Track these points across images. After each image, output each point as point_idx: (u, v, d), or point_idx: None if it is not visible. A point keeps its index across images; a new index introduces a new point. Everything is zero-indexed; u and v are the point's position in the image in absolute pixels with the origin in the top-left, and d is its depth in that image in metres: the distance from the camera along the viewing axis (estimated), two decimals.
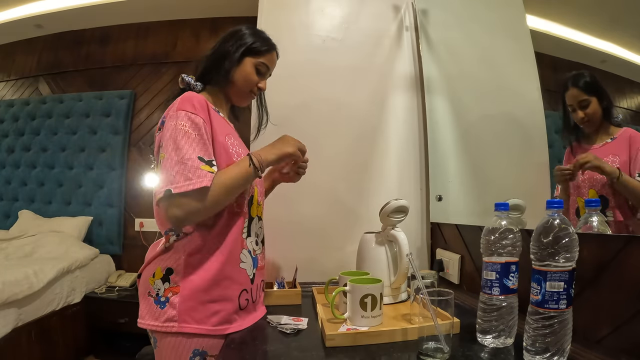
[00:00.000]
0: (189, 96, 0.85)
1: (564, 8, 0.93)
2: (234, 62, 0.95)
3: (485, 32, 1.26)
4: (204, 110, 0.85)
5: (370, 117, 1.50)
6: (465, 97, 1.35)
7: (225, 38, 0.98)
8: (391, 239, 1.06)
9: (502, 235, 0.72)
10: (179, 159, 0.77)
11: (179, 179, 0.76)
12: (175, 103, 0.86)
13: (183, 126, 0.80)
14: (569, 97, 0.90)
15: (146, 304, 0.84)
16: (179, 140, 0.79)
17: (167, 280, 0.83)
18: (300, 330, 0.85)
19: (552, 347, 0.61)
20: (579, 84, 0.88)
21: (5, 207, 2.98)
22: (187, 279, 0.82)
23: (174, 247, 0.84)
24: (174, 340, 0.80)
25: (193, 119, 0.81)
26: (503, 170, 1.15)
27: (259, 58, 0.97)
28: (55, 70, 3.12)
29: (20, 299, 1.86)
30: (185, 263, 0.83)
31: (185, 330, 0.79)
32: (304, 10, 1.52)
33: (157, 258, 0.86)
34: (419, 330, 0.72)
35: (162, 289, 0.82)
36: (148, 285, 0.85)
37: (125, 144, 2.86)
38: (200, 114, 0.83)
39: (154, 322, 0.81)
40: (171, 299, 0.81)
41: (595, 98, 0.84)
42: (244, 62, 0.96)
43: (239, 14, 2.83)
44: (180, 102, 0.84)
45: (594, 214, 0.75)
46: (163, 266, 0.84)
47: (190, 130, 0.80)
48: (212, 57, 0.97)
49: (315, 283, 1.22)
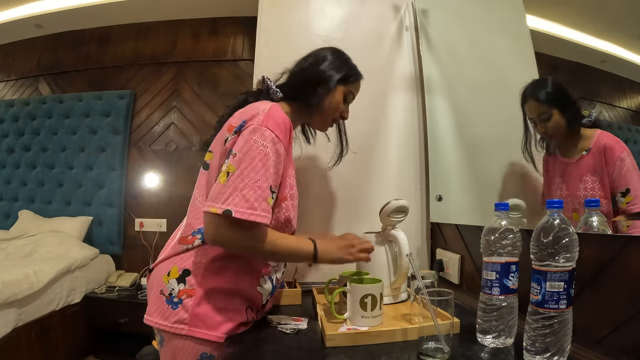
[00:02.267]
0: (277, 115, 0.81)
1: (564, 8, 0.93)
2: (328, 89, 0.93)
3: (485, 32, 1.26)
4: (287, 135, 0.82)
5: (370, 117, 1.50)
6: (465, 97, 1.35)
7: (320, 57, 0.97)
8: (391, 239, 1.06)
9: (502, 235, 0.72)
10: (250, 182, 0.74)
11: (242, 203, 0.73)
12: (257, 111, 0.81)
13: (265, 147, 0.76)
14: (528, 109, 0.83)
15: (157, 301, 0.82)
16: (257, 162, 0.75)
17: (182, 282, 0.81)
18: (300, 330, 0.85)
19: (552, 347, 0.61)
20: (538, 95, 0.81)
21: (5, 207, 2.98)
22: (205, 283, 0.80)
23: (196, 249, 0.83)
24: (182, 342, 0.79)
25: (278, 146, 0.78)
26: (503, 170, 1.15)
27: (349, 87, 0.97)
28: (55, 70, 3.12)
29: (20, 299, 1.85)
30: (205, 267, 0.81)
31: (195, 334, 0.78)
32: (304, 10, 1.52)
33: (174, 256, 0.84)
34: (419, 330, 0.72)
35: (177, 289, 0.80)
36: (161, 283, 0.82)
37: (125, 144, 2.86)
38: (284, 140, 0.80)
39: (163, 321, 0.80)
40: (185, 301, 0.79)
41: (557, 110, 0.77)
42: (336, 89, 0.95)
43: (239, 14, 2.83)
44: (268, 119, 0.79)
45: (594, 214, 0.75)
46: (180, 266, 0.82)
47: (271, 154, 0.77)
48: (303, 77, 0.95)
49: (315, 283, 1.22)
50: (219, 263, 0.82)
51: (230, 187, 0.73)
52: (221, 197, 0.73)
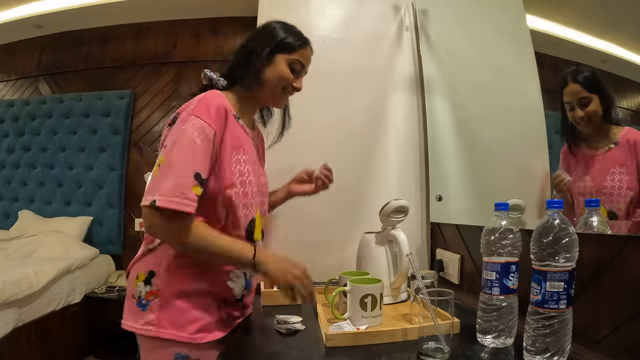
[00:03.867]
0: (207, 100, 0.79)
1: (564, 8, 0.93)
2: (264, 60, 0.87)
3: (485, 32, 1.26)
4: (220, 119, 0.79)
5: (370, 117, 1.50)
6: (465, 97, 1.35)
7: (253, 34, 0.92)
8: (391, 239, 1.06)
9: (502, 235, 0.72)
10: (175, 171, 0.73)
11: (166, 192, 0.71)
12: (192, 102, 0.80)
13: (192, 134, 0.75)
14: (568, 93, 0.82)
15: (129, 305, 0.83)
16: (183, 150, 0.74)
17: (149, 283, 0.80)
18: (297, 331, 0.85)
19: (552, 347, 0.61)
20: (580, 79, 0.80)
21: (5, 207, 2.98)
22: (169, 283, 0.79)
23: (158, 249, 0.81)
24: (154, 343, 0.78)
25: (205, 129, 0.76)
26: (503, 170, 1.15)
27: (292, 55, 0.89)
28: (55, 70, 3.12)
29: (20, 299, 1.85)
30: (167, 267, 0.80)
31: (163, 335, 0.77)
32: (304, 10, 1.51)
33: (141, 259, 0.83)
34: (419, 330, 0.72)
35: (144, 291, 0.80)
36: (132, 287, 0.82)
37: (125, 144, 2.86)
38: (213, 125, 0.77)
39: (134, 324, 0.80)
40: (152, 302, 0.79)
41: (597, 96, 0.78)
42: (276, 59, 0.88)
43: (239, 14, 2.83)
44: (197, 106, 0.78)
45: (594, 214, 0.75)
46: (146, 269, 0.81)
47: (197, 141, 0.75)
48: (239, 54, 0.90)
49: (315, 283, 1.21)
50: (181, 261, 0.80)
51: (158, 178, 0.73)
52: (151, 189, 0.73)
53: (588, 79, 0.80)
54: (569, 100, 0.82)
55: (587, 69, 0.82)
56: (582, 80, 0.80)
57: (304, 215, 1.40)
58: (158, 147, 0.86)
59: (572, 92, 0.82)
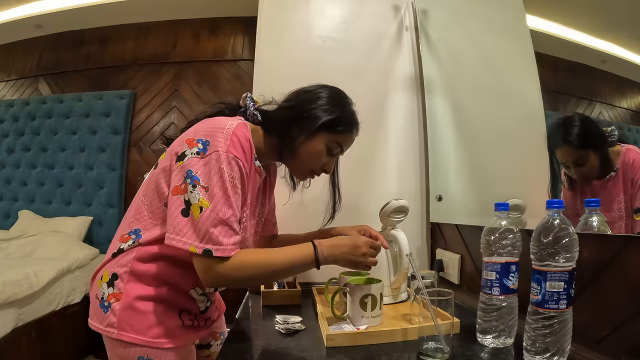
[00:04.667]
0: (241, 137, 0.76)
1: (564, 8, 0.93)
2: (309, 134, 0.83)
3: (485, 32, 1.26)
4: (249, 159, 0.77)
5: (370, 117, 1.49)
6: (465, 97, 1.35)
7: (304, 99, 0.86)
8: (391, 239, 1.06)
9: (502, 235, 0.73)
10: (224, 219, 0.72)
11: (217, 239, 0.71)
12: (224, 134, 0.75)
13: (232, 177, 0.73)
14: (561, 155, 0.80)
15: (93, 304, 0.82)
16: (228, 196, 0.72)
17: (111, 285, 0.79)
18: (297, 331, 0.85)
19: (552, 347, 0.61)
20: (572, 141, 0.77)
21: (5, 207, 2.98)
22: (130, 288, 0.78)
23: (124, 252, 0.80)
24: (116, 345, 0.78)
25: (243, 173, 0.75)
26: (503, 170, 1.15)
27: (336, 136, 0.85)
28: (55, 70, 3.12)
29: (20, 299, 1.85)
30: (130, 272, 0.79)
31: (124, 338, 0.76)
32: (304, 10, 1.51)
33: (108, 261, 0.82)
34: (419, 330, 0.72)
35: (107, 293, 0.79)
36: (96, 287, 0.82)
37: (125, 144, 2.86)
38: (247, 167, 0.76)
39: (98, 324, 0.79)
40: (113, 305, 0.78)
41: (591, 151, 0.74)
42: (317, 136, 0.84)
43: (239, 14, 2.83)
44: (232, 144, 0.74)
45: (594, 213, 0.75)
46: (110, 270, 0.80)
47: (238, 185, 0.74)
48: (287, 113, 0.85)
49: (315, 283, 1.22)
50: (142, 267, 0.79)
51: (205, 225, 0.71)
52: (199, 234, 0.71)
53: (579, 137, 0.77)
54: (563, 161, 0.81)
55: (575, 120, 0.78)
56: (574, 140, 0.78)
57: (304, 215, 1.40)
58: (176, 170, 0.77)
59: (565, 155, 0.80)
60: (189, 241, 0.71)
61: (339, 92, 0.90)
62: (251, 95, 0.88)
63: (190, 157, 0.74)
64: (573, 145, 0.77)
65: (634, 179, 0.71)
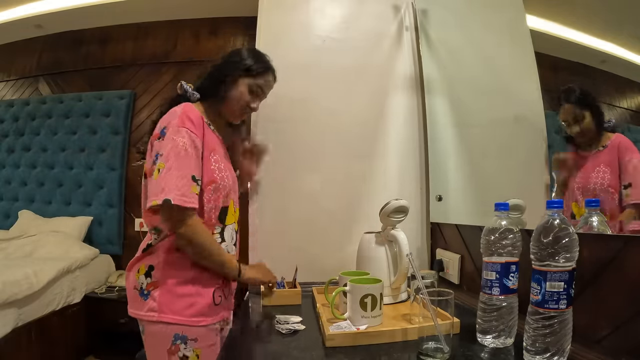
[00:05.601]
0: (187, 112, 0.94)
1: (564, 8, 0.93)
2: (229, 83, 1.02)
3: (485, 32, 1.26)
4: (200, 127, 0.95)
5: (370, 117, 1.50)
6: (465, 97, 1.35)
7: (225, 58, 1.06)
8: (391, 239, 1.06)
9: (502, 235, 0.72)
10: (178, 175, 0.87)
11: (175, 192, 0.85)
12: (175, 115, 0.93)
13: (184, 144, 0.89)
14: (563, 113, 0.91)
15: (132, 295, 0.96)
16: (181, 157, 0.88)
17: (149, 276, 0.93)
18: (297, 331, 0.85)
19: (552, 347, 0.61)
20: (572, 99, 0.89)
21: (5, 207, 2.98)
22: (165, 275, 0.92)
23: (156, 247, 0.95)
24: (156, 327, 0.91)
25: (193, 138, 0.91)
26: (503, 170, 1.15)
27: (255, 79, 1.04)
28: (55, 70, 3.12)
29: (20, 299, 1.85)
30: (164, 262, 0.93)
31: (164, 319, 0.90)
32: (304, 10, 1.51)
33: (141, 256, 0.96)
34: (419, 330, 0.72)
35: (145, 283, 0.93)
36: (134, 280, 0.95)
37: (125, 144, 2.86)
38: (197, 133, 0.93)
39: (138, 311, 0.93)
40: (152, 292, 0.92)
41: (589, 112, 0.86)
42: (239, 82, 1.03)
43: (239, 14, 2.83)
44: (181, 118, 0.92)
45: (594, 213, 0.75)
46: (146, 264, 0.95)
47: (189, 149, 0.90)
48: (211, 75, 1.04)
49: (315, 283, 1.22)
50: (173, 256, 0.93)
51: (162, 181, 0.86)
52: (158, 189, 0.86)
53: (579, 98, 0.89)
54: (564, 119, 0.91)
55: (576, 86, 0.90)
56: (574, 100, 0.89)
57: (304, 215, 1.41)
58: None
59: (566, 112, 0.91)
60: (153, 198, 0.87)
61: (252, 48, 1.12)
62: (183, 82, 1.06)
63: (156, 144, 0.93)
64: (573, 103, 0.89)
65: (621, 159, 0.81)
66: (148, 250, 0.96)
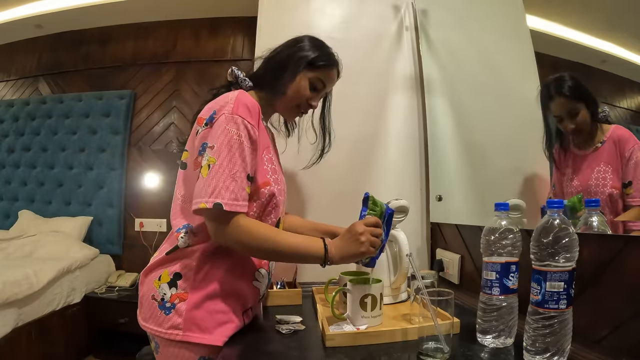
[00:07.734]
0: (243, 98, 0.80)
1: (564, 8, 0.93)
2: (293, 74, 0.90)
3: (485, 32, 1.26)
4: (256, 117, 0.81)
5: (370, 117, 1.50)
6: (465, 97, 1.35)
7: (286, 46, 0.94)
8: (391, 239, 1.06)
9: (502, 235, 0.72)
10: (232, 173, 0.74)
11: (229, 196, 0.73)
12: (227, 101, 0.79)
13: (239, 136, 0.76)
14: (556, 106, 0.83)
15: (149, 307, 0.80)
16: (235, 152, 0.75)
17: (174, 286, 0.78)
18: (297, 331, 0.85)
19: (552, 347, 0.61)
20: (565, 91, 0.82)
21: (5, 207, 2.98)
22: (197, 286, 0.78)
23: (185, 252, 0.80)
24: (177, 348, 0.76)
25: (250, 130, 0.77)
26: (503, 170, 1.15)
27: (317, 73, 0.92)
28: (55, 70, 3.11)
29: (20, 299, 1.85)
30: (196, 269, 0.79)
31: (190, 339, 0.76)
32: (304, 10, 1.52)
33: (164, 260, 0.81)
34: (419, 330, 0.72)
35: (169, 294, 0.78)
36: (152, 288, 0.80)
37: (125, 144, 2.86)
38: (254, 123, 0.79)
39: (157, 327, 0.78)
40: (177, 305, 0.77)
41: (583, 103, 0.79)
42: (300, 75, 0.91)
43: (239, 14, 2.83)
44: (237, 105, 0.78)
45: (594, 213, 0.75)
46: (171, 270, 0.79)
47: (245, 142, 0.76)
48: (270, 63, 0.94)
49: (315, 283, 1.22)
50: (209, 263, 0.80)
51: (212, 179, 0.73)
52: (208, 190, 0.73)
53: (572, 88, 0.81)
54: (557, 113, 0.84)
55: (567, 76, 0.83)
56: (567, 91, 0.81)
57: (304, 215, 1.41)
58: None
59: (559, 105, 0.84)
60: (201, 200, 0.73)
61: (315, 37, 0.97)
62: (235, 67, 0.95)
63: (201, 132, 0.79)
64: (566, 96, 0.81)
65: (622, 154, 0.75)
66: (173, 254, 0.80)
